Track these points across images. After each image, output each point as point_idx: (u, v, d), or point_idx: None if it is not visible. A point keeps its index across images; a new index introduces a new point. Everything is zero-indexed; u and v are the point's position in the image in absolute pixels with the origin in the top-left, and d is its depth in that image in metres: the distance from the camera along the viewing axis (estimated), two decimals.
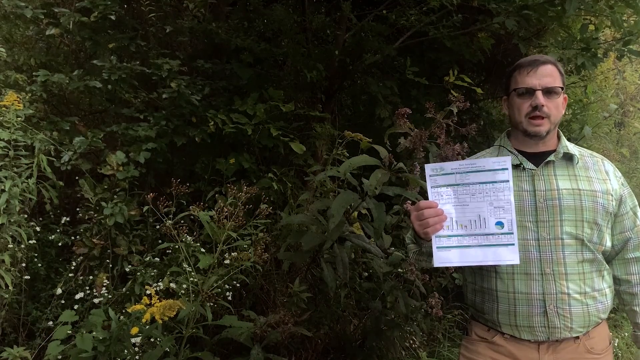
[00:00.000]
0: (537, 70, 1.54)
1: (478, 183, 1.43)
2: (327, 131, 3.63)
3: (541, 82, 1.53)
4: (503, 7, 3.38)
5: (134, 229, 3.10)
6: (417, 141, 2.24)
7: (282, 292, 3.02)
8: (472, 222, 1.43)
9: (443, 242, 1.45)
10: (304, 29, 4.04)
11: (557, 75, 1.56)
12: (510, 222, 1.40)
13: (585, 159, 1.61)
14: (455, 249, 1.44)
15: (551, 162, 1.56)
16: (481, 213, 1.42)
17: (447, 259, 1.44)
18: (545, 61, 1.57)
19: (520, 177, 1.56)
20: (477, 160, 1.43)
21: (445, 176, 1.45)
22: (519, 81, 1.57)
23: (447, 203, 1.44)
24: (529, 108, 1.54)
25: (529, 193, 1.53)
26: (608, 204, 1.53)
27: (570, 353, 1.51)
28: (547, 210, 1.50)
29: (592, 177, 1.56)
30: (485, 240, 1.42)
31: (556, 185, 1.52)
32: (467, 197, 1.43)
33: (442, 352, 3.46)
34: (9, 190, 2.41)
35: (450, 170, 1.45)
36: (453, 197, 1.44)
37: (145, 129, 3.10)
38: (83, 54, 3.94)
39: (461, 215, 1.44)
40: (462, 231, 1.43)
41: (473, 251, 1.42)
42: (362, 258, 3.24)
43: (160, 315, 1.90)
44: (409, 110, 2.33)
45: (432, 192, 1.46)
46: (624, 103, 6.70)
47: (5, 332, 2.67)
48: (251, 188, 2.23)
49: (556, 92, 1.54)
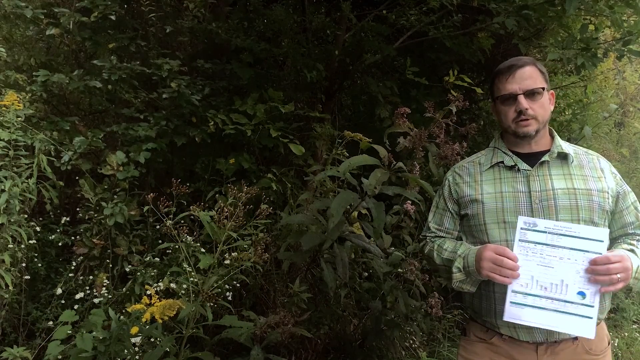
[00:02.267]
0: (515, 74, 1.55)
1: (569, 248, 1.38)
2: (327, 131, 3.64)
3: (521, 86, 1.53)
4: (503, 7, 3.38)
5: (134, 229, 3.10)
6: (416, 141, 2.25)
7: (282, 292, 3.02)
8: (552, 286, 1.39)
9: (518, 299, 1.41)
10: (304, 29, 4.04)
11: (537, 76, 1.56)
12: (594, 295, 1.36)
13: (580, 157, 1.60)
14: (529, 307, 1.40)
15: (546, 162, 1.56)
16: (565, 279, 1.38)
17: (517, 316, 1.41)
18: (523, 64, 1.56)
19: (515, 178, 1.57)
20: (574, 226, 1.40)
21: (537, 233, 1.41)
22: (501, 88, 1.57)
23: (532, 261, 1.41)
24: (515, 113, 1.55)
25: (524, 194, 1.53)
26: (604, 202, 1.52)
27: (569, 354, 1.51)
28: (542, 211, 1.50)
29: (588, 175, 1.55)
30: (562, 306, 1.38)
31: (551, 186, 1.52)
32: (555, 259, 1.39)
33: (442, 352, 3.46)
34: (9, 190, 2.41)
35: (543, 228, 1.41)
36: (539, 256, 1.40)
37: (145, 129, 3.10)
38: (83, 54, 3.94)
39: (543, 276, 1.40)
40: (541, 292, 1.39)
41: (547, 314, 1.39)
42: (362, 258, 3.25)
43: (160, 314, 1.90)
44: (408, 110, 2.33)
45: (518, 245, 1.43)
46: (624, 103, 6.70)
47: (5, 332, 2.67)
48: (251, 188, 2.23)
49: (538, 92, 1.54)
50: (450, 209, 1.70)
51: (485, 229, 1.55)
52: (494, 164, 1.62)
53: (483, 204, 1.57)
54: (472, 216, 1.60)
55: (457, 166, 1.76)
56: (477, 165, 1.68)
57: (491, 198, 1.57)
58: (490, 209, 1.55)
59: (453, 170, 1.75)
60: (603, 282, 1.35)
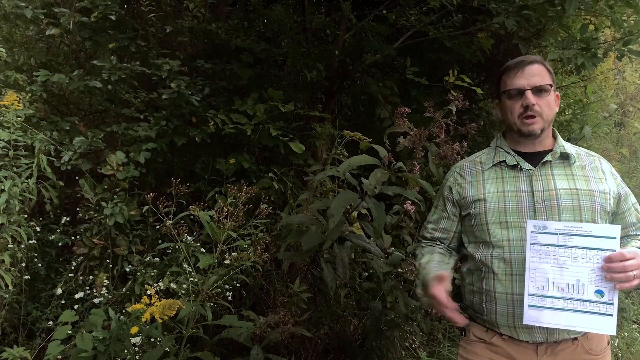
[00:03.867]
0: (524, 70, 1.54)
1: (582, 247, 1.38)
2: (327, 131, 3.64)
3: (529, 82, 1.53)
4: (503, 7, 3.38)
5: (134, 229, 3.11)
6: (416, 140, 2.25)
7: (282, 292, 3.02)
8: (569, 286, 1.38)
9: (535, 301, 1.41)
10: (304, 29, 4.04)
11: (545, 74, 1.56)
12: (612, 292, 1.35)
13: (582, 158, 1.60)
14: (547, 309, 1.40)
15: (548, 161, 1.55)
16: (580, 278, 1.37)
17: (536, 318, 1.41)
18: (532, 61, 1.57)
19: (517, 177, 1.56)
20: (585, 225, 1.40)
21: (548, 235, 1.41)
22: (508, 83, 1.57)
23: (546, 263, 1.40)
24: (521, 109, 1.54)
25: (527, 194, 1.52)
26: (606, 203, 1.52)
27: (569, 354, 1.50)
28: (545, 211, 1.49)
29: (590, 176, 1.55)
30: (581, 306, 1.37)
31: (554, 185, 1.51)
32: (568, 260, 1.39)
33: (442, 352, 3.45)
34: (9, 190, 2.41)
35: (553, 230, 1.40)
36: (553, 257, 1.40)
37: (145, 129, 3.10)
38: (83, 54, 3.94)
39: (559, 277, 1.39)
40: (558, 293, 1.39)
41: (567, 315, 1.38)
42: (362, 258, 3.24)
43: (160, 314, 1.90)
44: (408, 110, 2.33)
45: (531, 249, 1.42)
46: (623, 103, 6.70)
47: (5, 332, 2.67)
48: (251, 188, 2.23)
49: (546, 89, 1.54)
50: (449, 210, 1.69)
51: (487, 229, 1.55)
52: (496, 162, 1.62)
53: (485, 203, 1.56)
54: (474, 216, 1.59)
55: (458, 166, 1.75)
56: (478, 164, 1.67)
57: (493, 197, 1.56)
58: (493, 208, 1.54)
59: (454, 170, 1.74)
60: (619, 279, 1.35)
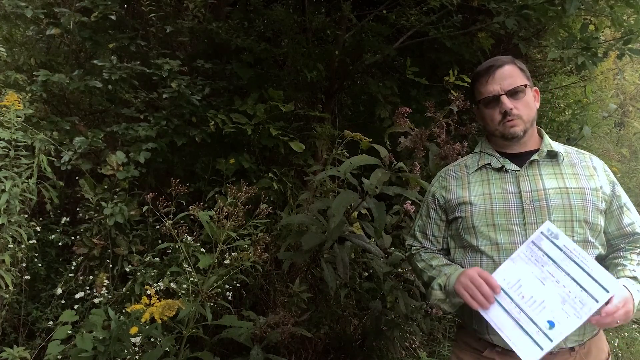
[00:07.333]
0: (494, 75, 1.51)
1: (571, 278, 1.29)
2: (327, 131, 3.64)
3: (502, 86, 1.49)
4: (503, 7, 3.38)
5: (134, 229, 3.10)
6: (417, 140, 2.25)
7: (282, 292, 3.02)
8: (531, 299, 1.31)
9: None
10: (304, 29, 4.04)
11: (517, 74, 1.52)
12: (560, 334, 1.26)
13: (572, 156, 1.55)
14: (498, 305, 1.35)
15: (535, 161, 1.51)
16: (546, 301, 1.30)
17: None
18: (501, 64, 1.52)
19: (504, 179, 1.52)
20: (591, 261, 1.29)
21: (552, 246, 1.33)
22: (482, 91, 1.53)
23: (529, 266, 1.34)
24: (500, 115, 1.50)
25: (514, 195, 1.48)
26: (598, 201, 1.47)
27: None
28: (534, 212, 1.44)
29: (579, 174, 1.50)
30: (525, 323, 1.30)
31: (542, 185, 1.47)
32: (551, 279, 1.31)
33: (442, 352, 3.45)
34: (9, 190, 2.40)
35: (561, 245, 1.33)
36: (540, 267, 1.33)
37: (146, 129, 3.10)
38: (83, 54, 3.94)
39: (530, 286, 1.32)
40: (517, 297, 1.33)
41: (507, 321, 1.33)
42: (362, 258, 3.24)
43: (159, 314, 1.90)
44: (409, 110, 2.33)
45: (528, 245, 1.36)
46: (623, 103, 6.71)
47: (5, 332, 2.67)
48: (251, 188, 2.23)
49: (520, 90, 1.50)
50: (433, 216, 1.65)
51: (475, 232, 1.50)
52: (481, 166, 1.58)
53: (472, 206, 1.52)
54: (460, 219, 1.54)
55: (443, 171, 1.71)
56: (463, 168, 1.63)
57: (480, 200, 1.51)
58: (479, 211, 1.50)
59: (439, 175, 1.71)
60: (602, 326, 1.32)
